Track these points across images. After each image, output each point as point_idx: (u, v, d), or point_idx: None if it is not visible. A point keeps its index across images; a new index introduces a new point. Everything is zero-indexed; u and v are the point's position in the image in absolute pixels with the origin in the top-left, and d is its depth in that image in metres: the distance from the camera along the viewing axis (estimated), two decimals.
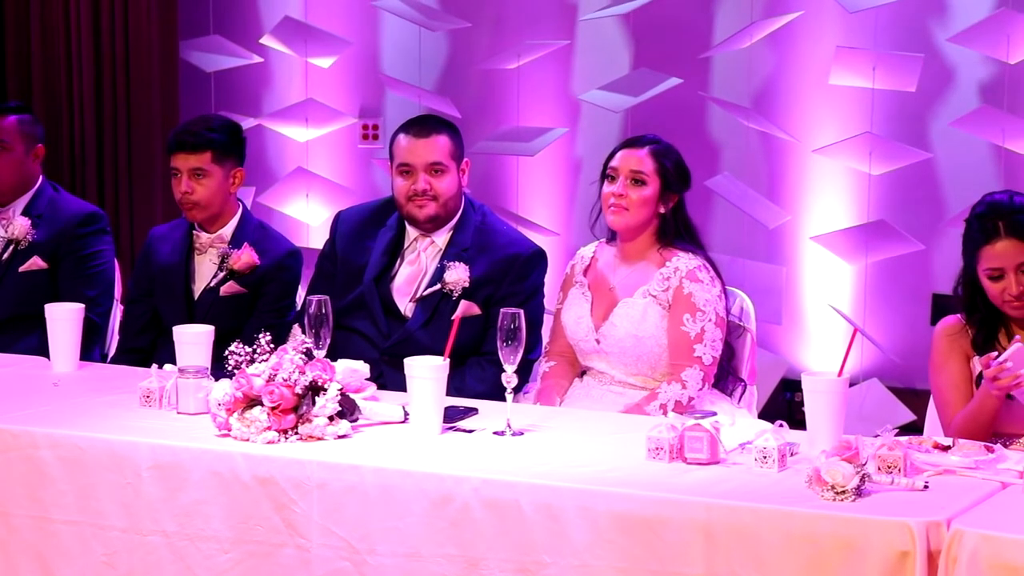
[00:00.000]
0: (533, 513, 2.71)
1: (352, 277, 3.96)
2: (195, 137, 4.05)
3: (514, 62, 5.65)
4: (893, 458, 2.67)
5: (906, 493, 2.62)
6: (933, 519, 2.47)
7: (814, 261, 5.49)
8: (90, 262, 4.40)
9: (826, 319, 5.46)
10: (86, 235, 4.41)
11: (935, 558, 2.45)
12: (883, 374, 5.38)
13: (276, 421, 2.98)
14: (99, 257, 4.42)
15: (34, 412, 3.24)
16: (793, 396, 5.38)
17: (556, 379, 3.78)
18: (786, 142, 5.47)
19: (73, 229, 4.39)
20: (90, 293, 4.34)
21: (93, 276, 4.39)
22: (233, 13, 6.16)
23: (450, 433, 3.08)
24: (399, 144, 3.92)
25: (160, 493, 2.99)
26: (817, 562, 2.51)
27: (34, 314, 3.83)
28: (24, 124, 4.46)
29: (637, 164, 3.67)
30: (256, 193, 5.93)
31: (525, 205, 5.81)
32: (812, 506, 2.56)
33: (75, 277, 4.36)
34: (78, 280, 4.36)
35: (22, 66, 5.96)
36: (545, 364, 3.82)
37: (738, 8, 5.49)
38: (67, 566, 3.07)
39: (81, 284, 4.35)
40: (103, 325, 4.39)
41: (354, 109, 6.08)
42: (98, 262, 4.41)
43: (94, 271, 4.40)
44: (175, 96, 5.91)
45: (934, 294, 5.33)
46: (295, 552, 2.89)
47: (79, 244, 4.39)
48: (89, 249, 4.41)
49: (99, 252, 4.42)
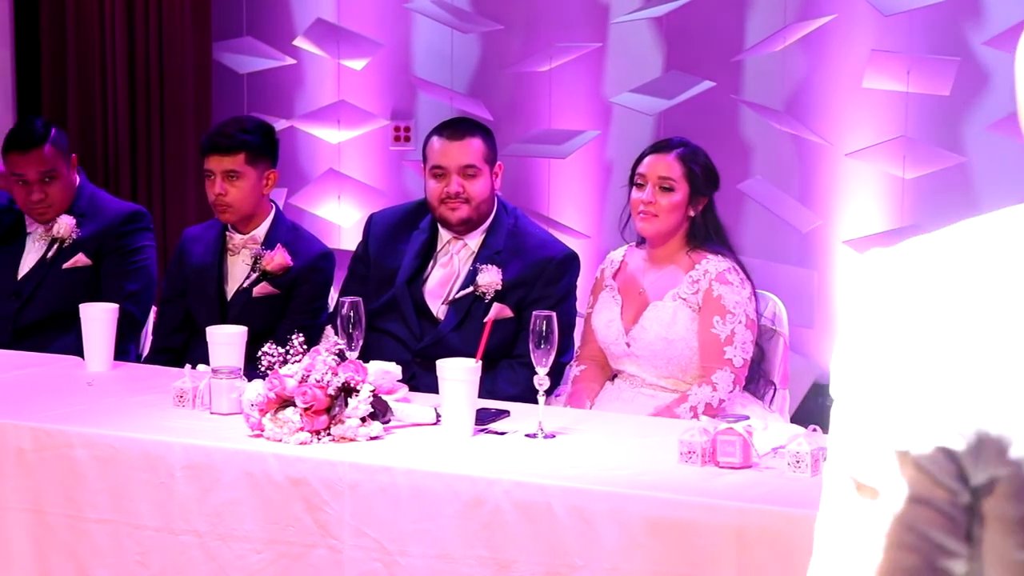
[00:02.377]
0: (565, 516, 2.71)
1: (385, 279, 3.97)
2: (229, 139, 4.06)
3: (546, 64, 5.64)
4: None
5: None
6: None
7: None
8: (133, 257, 4.41)
9: None
10: (131, 231, 4.42)
11: None
12: None
13: (309, 422, 2.98)
14: (142, 253, 4.43)
15: (68, 411, 3.26)
16: (825, 400, 5.35)
17: (587, 383, 3.77)
18: (819, 146, 5.45)
19: (118, 226, 4.41)
20: (132, 287, 4.36)
21: (136, 271, 4.40)
22: (266, 15, 6.17)
23: (482, 435, 3.09)
24: (432, 147, 3.92)
25: (193, 493, 3.00)
26: None
27: (75, 312, 3.84)
28: (58, 145, 4.39)
29: (665, 170, 3.67)
30: (288, 195, 5.94)
31: (556, 208, 5.81)
32: None
33: (117, 272, 4.37)
34: (120, 275, 4.37)
35: (57, 68, 6.00)
36: (576, 368, 3.81)
37: (771, 11, 5.47)
38: (101, 565, 3.09)
39: (123, 279, 4.37)
40: (143, 320, 4.40)
41: (386, 111, 6.08)
42: (141, 257, 4.43)
43: (137, 266, 4.41)
44: (208, 97, 5.93)
45: None
46: (327, 553, 2.90)
47: (124, 240, 4.41)
48: (133, 245, 4.42)
49: (143, 248, 4.44)
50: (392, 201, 5.22)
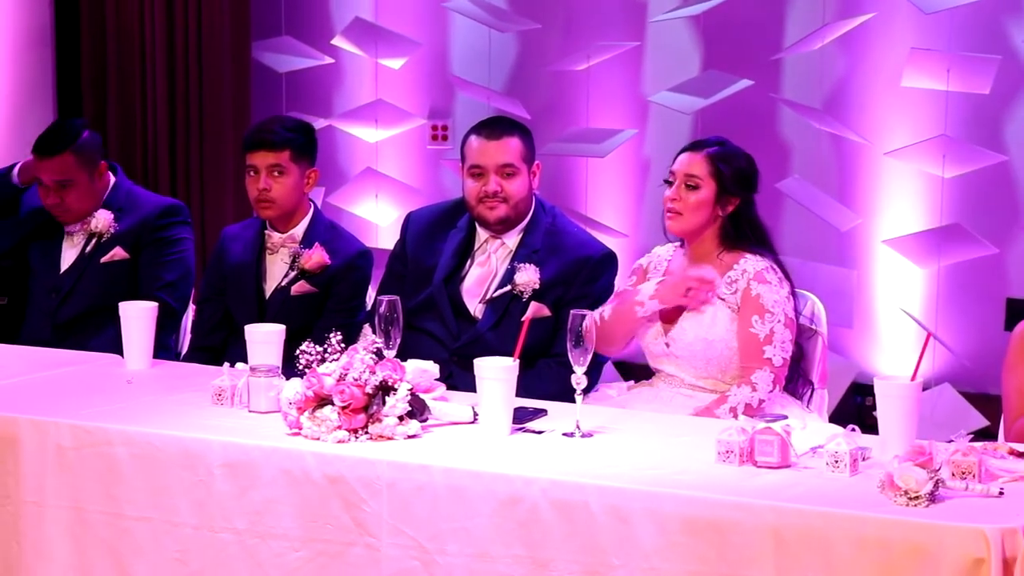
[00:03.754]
0: (602, 515, 2.71)
1: (422, 278, 3.97)
2: (274, 135, 4.08)
3: (584, 63, 5.64)
4: (967, 464, 2.64)
5: (980, 499, 2.59)
6: (1009, 526, 2.44)
7: (886, 264, 5.44)
8: (170, 248, 4.43)
9: (898, 323, 5.41)
10: (168, 224, 4.44)
11: (1011, 565, 2.42)
12: (955, 379, 5.32)
13: (346, 420, 2.99)
14: (180, 244, 4.45)
15: (108, 409, 3.28)
16: (864, 400, 5.33)
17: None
18: (858, 144, 5.43)
19: (155, 219, 4.43)
20: (169, 277, 4.37)
21: (173, 262, 4.42)
22: (304, 14, 6.20)
23: (519, 434, 3.08)
24: (471, 146, 3.92)
25: (231, 491, 3.01)
26: (889, 568, 2.49)
27: (113, 307, 3.86)
28: (81, 153, 4.33)
29: (691, 168, 3.66)
30: (326, 193, 5.96)
31: (594, 206, 5.80)
32: (885, 511, 2.53)
33: (155, 263, 4.39)
34: (158, 265, 4.38)
35: (97, 68, 6.04)
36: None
37: (810, 9, 5.45)
38: (140, 562, 3.10)
39: (160, 269, 4.38)
40: (180, 310, 4.41)
41: (423, 110, 6.09)
42: (178, 249, 4.44)
43: (174, 257, 4.43)
44: (247, 97, 5.95)
45: (1008, 299, 5.27)
46: (364, 551, 2.90)
47: (161, 233, 4.42)
48: (171, 236, 4.44)
49: (180, 240, 4.46)
50: (429, 200, 5.23)
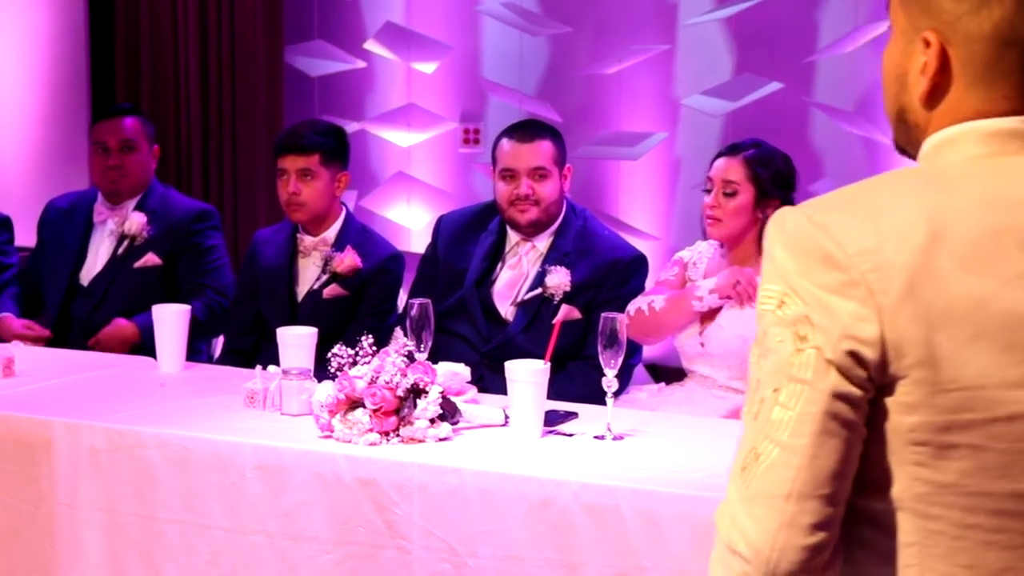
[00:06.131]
0: (633, 518, 2.70)
1: (453, 281, 3.98)
2: (304, 139, 4.10)
3: (615, 66, 5.64)
4: None
5: None
6: None
7: None
8: (208, 256, 4.47)
9: None
10: (201, 230, 4.47)
11: None
12: None
13: (378, 423, 2.99)
14: (216, 251, 4.50)
15: (141, 412, 3.29)
16: None
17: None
18: (890, 148, 5.39)
19: (188, 225, 4.46)
20: (214, 284, 4.44)
21: (215, 270, 4.47)
22: (337, 18, 6.21)
23: (550, 437, 3.08)
24: (502, 149, 3.93)
25: (263, 493, 3.02)
26: None
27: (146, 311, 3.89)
28: (145, 124, 4.61)
29: (729, 173, 3.66)
30: (358, 197, 5.97)
31: (625, 209, 5.80)
32: None
33: (197, 272, 4.44)
34: (200, 274, 4.44)
35: (131, 71, 6.06)
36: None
37: (842, 12, 5.44)
38: (172, 564, 3.11)
39: (204, 278, 4.44)
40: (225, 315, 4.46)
41: (455, 114, 6.10)
42: (216, 256, 4.49)
43: (214, 265, 4.47)
44: (280, 100, 5.97)
45: None
46: (396, 554, 2.91)
47: (195, 240, 4.46)
48: (206, 244, 4.48)
49: (215, 247, 4.50)
50: (461, 203, 5.23)
